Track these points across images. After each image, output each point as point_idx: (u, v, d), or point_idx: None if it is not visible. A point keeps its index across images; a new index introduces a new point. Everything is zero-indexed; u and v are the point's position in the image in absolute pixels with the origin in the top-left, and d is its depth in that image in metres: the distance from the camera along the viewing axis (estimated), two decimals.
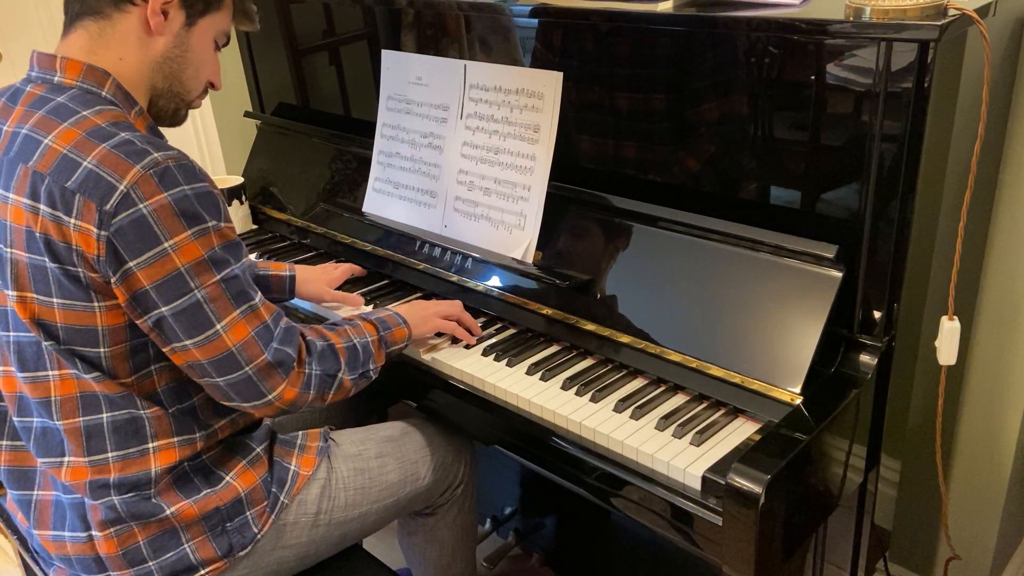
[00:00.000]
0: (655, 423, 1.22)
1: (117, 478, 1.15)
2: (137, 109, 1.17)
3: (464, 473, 1.54)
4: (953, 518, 1.72)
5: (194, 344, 1.10)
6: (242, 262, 1.14)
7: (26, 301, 1.10)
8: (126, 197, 1.03)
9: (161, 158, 1.05)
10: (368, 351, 1.29)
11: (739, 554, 1.07)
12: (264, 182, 2.05)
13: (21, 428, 1.20)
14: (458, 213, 1.61)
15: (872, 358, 1.23)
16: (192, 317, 1.09)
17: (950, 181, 1.26)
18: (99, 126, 1.07)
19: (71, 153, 1.05)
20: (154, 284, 1.06)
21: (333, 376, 1.22)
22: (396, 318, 1.37)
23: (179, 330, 1.09)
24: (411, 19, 1.71)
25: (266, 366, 1.14)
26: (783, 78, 1.23)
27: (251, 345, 1.13)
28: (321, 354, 1.21)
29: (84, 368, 1.12)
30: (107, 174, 1.03)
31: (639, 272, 1.38)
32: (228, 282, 1.11)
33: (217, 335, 1.10)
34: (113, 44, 1.14)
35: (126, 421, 1.15)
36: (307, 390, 1.19)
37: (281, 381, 1.16)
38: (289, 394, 1.17)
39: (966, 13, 1.10)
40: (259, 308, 1.15)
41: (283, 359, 1.16)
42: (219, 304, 1.10)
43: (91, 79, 1.13)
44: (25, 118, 1.11)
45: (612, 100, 1.44)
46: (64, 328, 1.10)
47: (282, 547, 1.28)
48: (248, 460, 1.25)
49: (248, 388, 1.14)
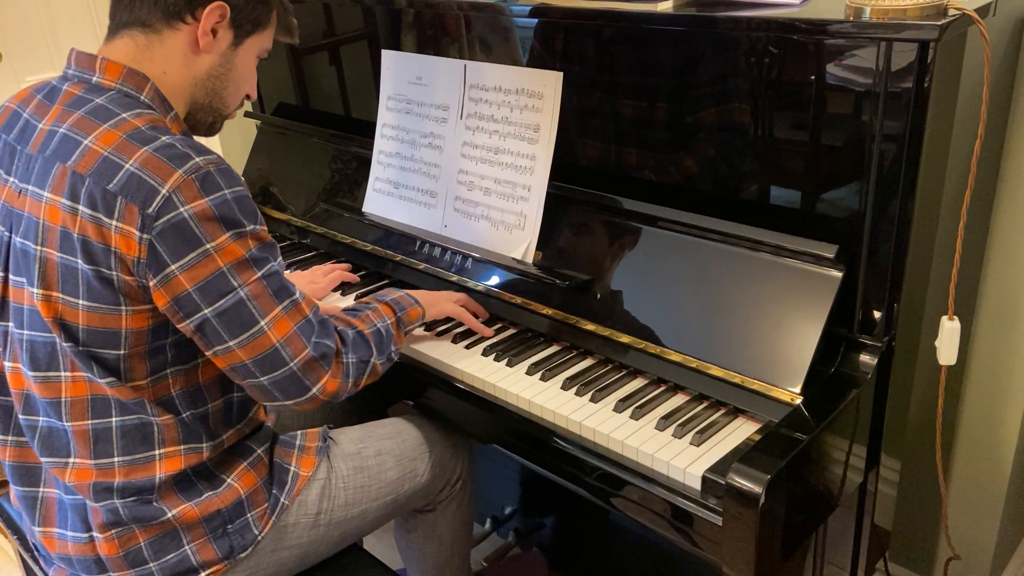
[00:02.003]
0: (655, 423, 1.22)
1: (121, 482, 1.15)
2: (173, 114, 1.17)
3: (463, 469, 1.54)
4: (953, 518, 1.72)
5: (238, 344, 1.11)
6: (279, 260, 1.15)
7: (51, 300, 1.10)
8: (168, 201, 1.04)
9: (203, 163, 1.06)
10: (390, 333, 1.31)
11: (739, 554, 1.07)
12: (264, 182, 2.05)
13: (26, 426, 1.20)
14: (458, 213, 1.61)
15: (872, 358, 1.23)
16: (236, 316, 1.09)
17: (950, 181, 1.26)
18: (139, 129, 1.08)
19: (112, 155, 1.05)
20: (197, 286, 1.07)
21: (367, 362, 1.24)
22: (408, 299, 1.40)
23: (223, 331, 1.10)
24: (411, 19, 1.71)
25: (310, 360, 1.15)
26: (783, 78, 1.23)
27: (294, 340, 1.14)
28: (354, 342, 1.23)
29: (99, 372, 1.12)
30: (149, 177, 1.04)
31: (639, 272, 1.38)
32: (269, 278, 1.12)
33: (261, 332, 1.11)
34: (159, 58, 1.15)
35: (135, 427, 1.15)
36: (347, 379, 1.20)
37: (324, 374, 1.17)
38: (332, 385, 1.18)
39: (966, 13, 1.10)
40: (300, 303, 1.16)
41: (325, 351, 1.17)
42: (262, 301, 1.11)
43: (131, 82, 1.13)
44: (63, 117, 1.11)
45: (612, 100, 1.44)
46: (86, 330, 1.10)
47: (283, 548, 1.28)
48: (249, 462, 1.25)
49: (293, 384, 1.15)
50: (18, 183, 1.14)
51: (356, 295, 1.66)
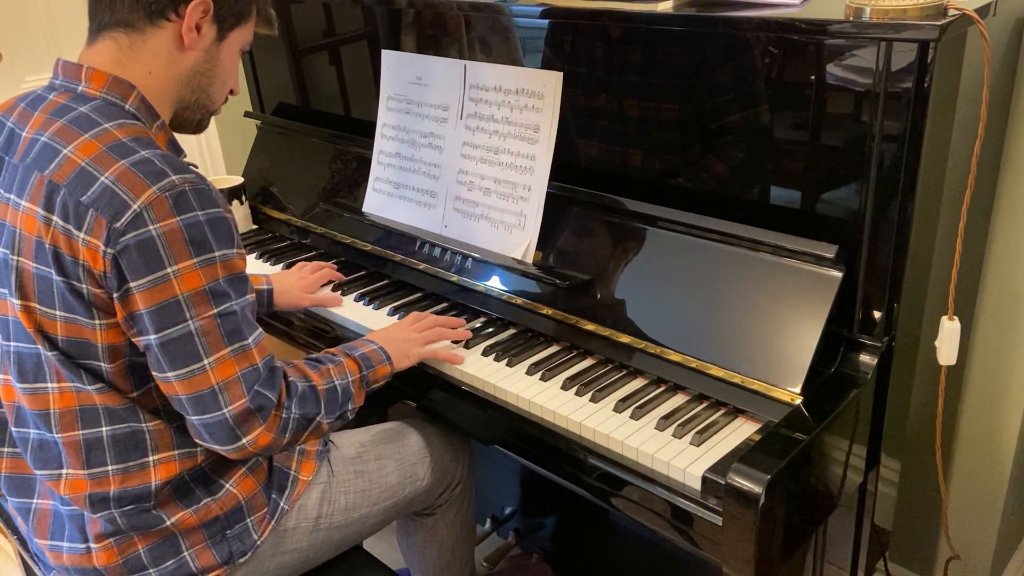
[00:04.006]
0: (655, 423, 1.22)
1: (117, 491, 1.14)
2: (159, 123, 1.16)
3: (463, 472, 1.54)
4: (953, 518, 1.72)
5: (176, 377, 1.07)
6: (244, 298, 1.11)
7: (31, 311, 1.09)
8: (138, 217, 1.01)
9: (178, 181, 1.04)
10: (348, 393, 1.24)
11: (739, 554, 1.07)
12: (264, 182, 2.05)
13: (18, 438, 1.19)
14: (458, 213, 1.61)
15: (872, 358, 1.23)
16: (180, 348, 1.06)
17: (950, 181, 1.26)
18: (120, 141, 1.06)
19: (89, 167, 1.03)
20: (149, 309, 1.04)
21: (311, 419, 1.18)
22: (380, 354, 1.32)
23: (164, 360, 1.06)
24: (411, 19, 1.71)
25: (245, 411, 1.09)
26: (783, 78, 1.23)
27: (234, 385, 1.08)
28: (302, 396, 1.17)
29: (88, 380, 1.10)
30: (122, 192, 1.02)
31: (639, 272, 1.38)
32: (224, 317, 1.08)
33: (203, 370, 1.07)
34: (143, 58, 1.13)
35: (126, 435, 1.13)
36: (283, 434, 1.14)
37: (258, 426, 1.11)
38: (264, 439, 1.12)
39: (966, 13, 1.10)
40: (251, 349, 1.10)
41: (263, 403, 1.11)
42: (211, 338, 1.07)
43: (116, 91, 1.12)
44: (45, 125, 1.09)
45: (612, 100, 1.43)
46: (66, 340, 1.09)
47: (282, 553, 1.28)
48: (248, 467, 1.24)
49: (222, 431, 1.09)
50: (3, 192, 1.12)
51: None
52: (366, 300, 1.63)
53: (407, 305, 1.60)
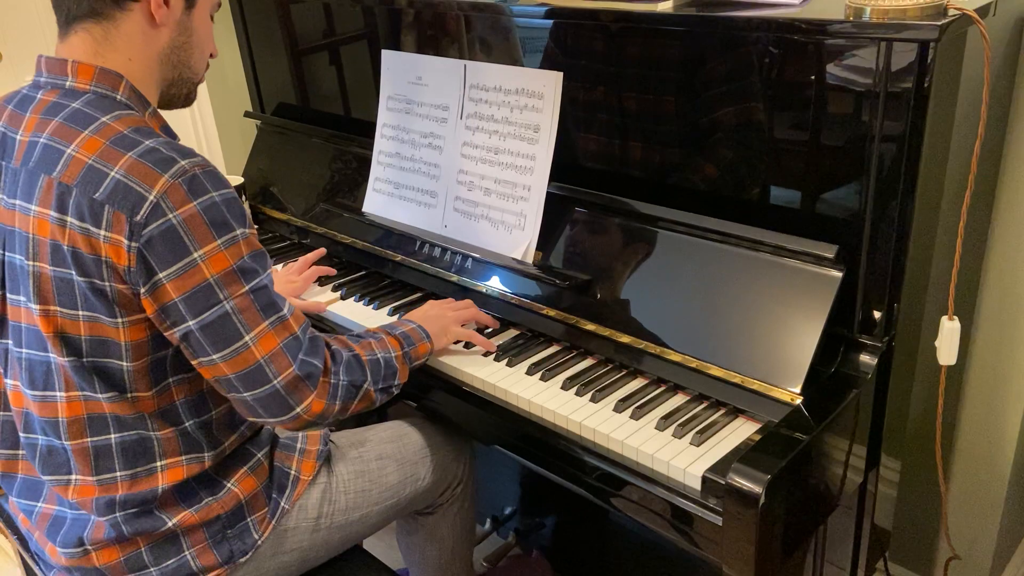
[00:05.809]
0: (655, 423, 1.22)
1: (124, 495, 1.14)
2: (150, 110, 1.16)
3: (464, 472, 1.54)
4: (953, 518, 1.72)
5: (222, 358, 1.08)
6: (268, 272, 1.13)
7: (50, 314, 1.08)
8: (156, 207, 1.02)
9: (188, 166, 1.04)
10: (392, 367, 1.27)
11: (739, 554, 1.07)
12: (264, 182, 2.05)
13: (26, 444, 1.19)
14: (458, 213, 1.61)
15: (872, 358, 1.23)
16: (221, 329, 1.07)
17: (950, 181, 1.26)
18: (122, 133, 1.06)
19: (97, 163, 1.03)
20: (183, 296, 1.05)
21: (359, 386, 1.20)
22: (419, 332, 1.35)
23: (207, 344, 1.07)
24: (411, 19, 1.71)
25: (294, 379, 1.11)
26: (783, 78, 1.23)
27: (279, 357, 1.10)
28: (348, 364, 1.19)
29: (100, 387, 1.10)
30: (136, 184, 1.02)
31: (639, 272, 1.38)
32: (257, 292, 1.09)
33: (246, 347, 1.08)
34: (120, 45, 1.12)
35: (134, 442, 1.14)
36: (333, 400, 1.16)
37: (309, 393, 1.13)
38: (317, 406, 1.14)
39: (966, 13, 1.10)
40: (288, 319, 1.12)
41: (311, 371, 1.13)
42: (248, 315, 1.08)
43: (105, 83, 1.11)
44: (41, 126, 1.09)
45: (611, 100, 1.43)
46: (89, 340, 1.09)
47: (283, 552, 1.28)
48: (249, 466, 1.25)
49: (276, 402, 1.12)
50: (7, 199, 1.12)
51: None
52: (366, 300, 1.63)
53: (407, 305, 1.60)
